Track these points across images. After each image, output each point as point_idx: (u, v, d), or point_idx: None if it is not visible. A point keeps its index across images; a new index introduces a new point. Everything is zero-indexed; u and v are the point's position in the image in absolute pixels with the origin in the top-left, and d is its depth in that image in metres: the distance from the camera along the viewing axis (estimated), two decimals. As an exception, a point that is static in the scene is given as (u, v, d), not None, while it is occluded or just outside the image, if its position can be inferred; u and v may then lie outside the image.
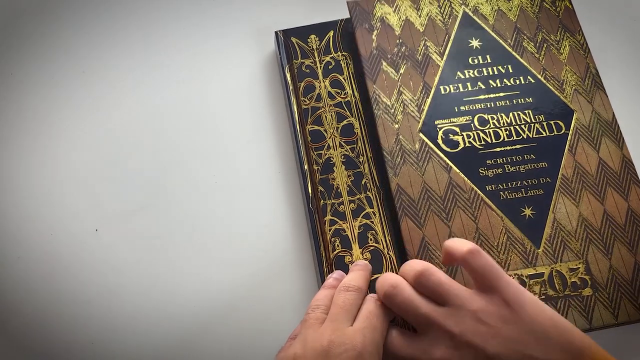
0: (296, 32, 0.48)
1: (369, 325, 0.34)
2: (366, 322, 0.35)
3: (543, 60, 0.46)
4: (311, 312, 0.36)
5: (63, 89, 0.50)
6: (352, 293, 0.36)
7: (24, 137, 0.48)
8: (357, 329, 0.34)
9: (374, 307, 0.36)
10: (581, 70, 0.45)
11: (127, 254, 0.45)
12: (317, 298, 0.37)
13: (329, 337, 0.33)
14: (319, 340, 0.33)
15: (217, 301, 0.44)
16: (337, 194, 0.43)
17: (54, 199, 0.46)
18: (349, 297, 0.36)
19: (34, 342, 0.43)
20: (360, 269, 0.40)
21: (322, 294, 0.38)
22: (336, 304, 0.36)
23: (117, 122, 0.49)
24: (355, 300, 0.36)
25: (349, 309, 0.35)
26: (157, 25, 0.52)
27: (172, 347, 0.43)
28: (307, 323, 0.35)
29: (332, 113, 0.46)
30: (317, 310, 0.36)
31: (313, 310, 0.36)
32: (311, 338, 0.34)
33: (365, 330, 0.34)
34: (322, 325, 0.35)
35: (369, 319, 0.35)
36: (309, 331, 0.34)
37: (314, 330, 0.34)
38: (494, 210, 0.41)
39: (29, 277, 0.44)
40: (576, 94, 0.45)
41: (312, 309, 0.36)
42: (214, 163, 0.47)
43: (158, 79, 0.50)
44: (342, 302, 0.36)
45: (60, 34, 0.51)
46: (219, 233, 0.45)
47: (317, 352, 0.33)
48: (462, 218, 0.41)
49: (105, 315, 0.43)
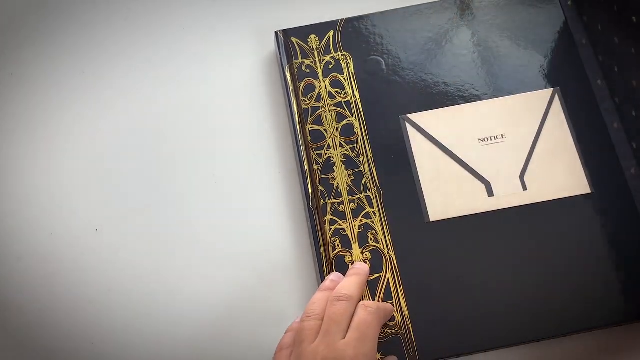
0: (296, 32, 0.48)
1: (360, 335, 0.35)
2: (357, 332, 0.36)
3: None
4: (306, 321, 0.37)
5: (63, 89, 0.50)
6: (343, 303, 0.37)
7: (24, 137, 0.48)
8: (348, 342, 0.35)
9: (364, 315, 0.37)
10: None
11: (127, 254, 0.45)
12: (312, 302, 0.38)
13: (322, 355, 0.34)
14: (312, 357, 0.35)
15: (217, 301, 0.44)
16: (337, 193, 0.43)
17: (54, 199, 0.46)
18: (339, 309, 0.37)
19: (34, 342, 0.43)
20: (355, 273, 0.40)
21: (317, 298, 0.38)
22: (328, 316, 0.37)
23: (117, 122, 0.49)
24: (346, 310, 0.37)
25: (339, 320, 0.36)
26: (157, 25, 0.52)
27: (172, 346, 0.43)
28: (303, 334, 0.36)
29: (332, 113, 0.46)
30: (311, 320, 0.37)
31: (308, 318, 0.37)
32: (304, 356, 0.35)
33: (357, 343, 0.35)
34: (316, 340, 0.36)
35: (359, 330, 0.36)
36: (304, 345, 0.36)
37: (308, 343, 0.35)
38: None
39: (29, 277, 0.44)
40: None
41: (307, 316, 0.37)
42: (214, 163, 0.47)
43: (158, 79, 0.50)
44: (334, 314, 0.36)
45: (60, 34, 0.51)
46: (219, 233, 0.45)
47: None
48: None
49: (105, 315, 0.43)
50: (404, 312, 0.41)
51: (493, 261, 0.41)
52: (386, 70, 0.47)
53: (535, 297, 0.40)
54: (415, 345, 0.40)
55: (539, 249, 0.42)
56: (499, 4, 0.48)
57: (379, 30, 0.48)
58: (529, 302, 0.40)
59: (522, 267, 0.41)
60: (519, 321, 0.40)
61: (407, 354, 0.40)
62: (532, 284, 0.41)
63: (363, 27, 0.48)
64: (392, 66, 0.47)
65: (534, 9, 0.48)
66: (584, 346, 0.41)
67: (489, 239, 0.42)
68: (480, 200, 0.43)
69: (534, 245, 0.42)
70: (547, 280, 0.41)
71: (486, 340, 0.40)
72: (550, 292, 0.40)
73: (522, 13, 0.48)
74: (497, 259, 0.41)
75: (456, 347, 0.40)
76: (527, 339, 0.40)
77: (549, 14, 0.48)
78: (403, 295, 0.41)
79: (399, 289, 0.41)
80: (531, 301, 0.40)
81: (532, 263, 0.41)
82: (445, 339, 0.40)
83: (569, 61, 0.46)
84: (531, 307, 0.40)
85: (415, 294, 0.41)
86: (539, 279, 0.41)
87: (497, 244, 0.42)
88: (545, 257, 0.41)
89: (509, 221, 0.42)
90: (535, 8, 0.48)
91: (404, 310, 0.41)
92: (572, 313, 0.40)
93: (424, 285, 0.41)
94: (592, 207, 0.42)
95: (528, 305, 0.40)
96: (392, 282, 0.41)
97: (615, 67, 0.44)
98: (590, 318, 0.40)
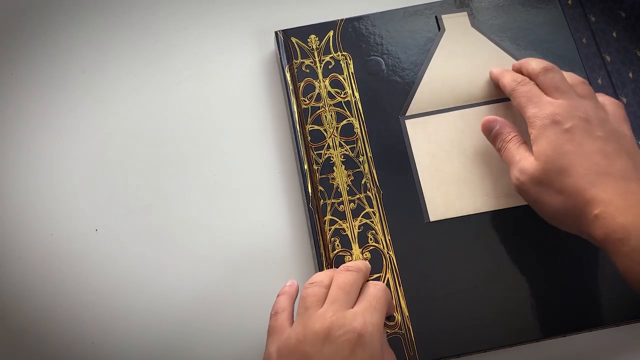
0: (296, 32, 0.48)
1: (369, 306, 0.34)
2: (366, 304, 0.35)
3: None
4: (310, 287, 0.36)
5: (63, 89, 0.50)
6: (352, 273, 0.36)
7: (24, 136, 0.48)
8: (358, 312, 0.34)
9: (374, 290, 0.36)
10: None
11: (127, 253, 0.45)
12: (315, 276, 0.37)
13: (329, 320, 0.33)
14: (319, 323, 0.33)
15: (217, 301, 0.44)
16: (337, 193, 0.43)
17: (54, 199, 0.46)
18: (349, 278, 0.36)
19: (34, 342, 0.43)
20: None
21: (321, 274, 0.37)
22: (336, 284, 0.36)
23: (117, 122, 0.49)
24: (355, 281, 0.36)
25: (349, 290, 0.35)
26: (157, 25, 0.52)
27: (172, 346, 0.43)
28: (308, 300, 0.35)
29: (332, 113, 0.46)
30: (316, 287, 0.36)
31: (312, 284, 0.36)
32: (312, 321, 0.34)
33: (366, 312, 0.34)
34: (322, 307, 0.35)
35: (369, 301, 0.35)
36: (310, 311, 0.34)
37: (314, 310, 0.34)
38: None
39: (29, 277, 0.44)
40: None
41: (311, 283, 0.36)
42: (214, 163, 0.47)
43: (158, 79, 0.50)
44: (342, 283, 0.36)
45: (60, 34, 0.51)
46: (219, 232, 0.45)
47: (317, 335, 0.33)
48: None
49: (105, 315, 0.43)
50: (404, 312, 0.41)
51: (493, 261, 0.41)
52: (386, 70, 0.47)
53: (535, 297, 0.40)
54: (415, 345, 0.40)
55: (538, 249, 0.42)
56: (499, 4, 0.48)
57: (379, 30, 0.48)
58: (529, 302, 0.40)
59: (522, 267, 0.41)
60: (519, 321, 0.40)
61: (407, 354, 0.40)
62: (532, 284, 0.41)
63: (363, 27, 0.48)
64: (392, 66, 0.47)
65: (534, 9, 0.48)
66: (584, 346, 0.41)
67: (489, 239, 0.42)
68: (480, 200, 0.43)
69: (533, 245, 0.42)
70: (547, 280, 0.41)
71: (486, 340, 0.40)
72: (550, 292, 0.41)
73: (522, 13, 0.48)
74: (497, 259, 0.41)
75: (456, 347, 0.40)
76: (527, 339, 0.40)
77: (549, 14, 0.48)
78: (403, 295, 0.41)
79: (399, 289, 0.41)
80: (531, 301, 0.40)
81: (532, 263, 0.41)
82: (445, 339, 0.40)
83: (569, 61, 0.46)
84: (531, 307, 0.40)
85: (415, 293, 0.41)
86: (539, 279, 0.41)
87: (497, 244, 0.42)
88: (545, 257, 0.41)
89: (509, 221, 0.42)
90: (535, 8, 0.48)
91: (404, 310, 0.41)
92: (572, 313, 0.40)
93: (423, 285, 0.41)
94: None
95: (528, 305, 0.40)
96: (392, 282, 0.41)
97: (616, 65, 0.44)
98: (591, 318, 0.40)
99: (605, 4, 0.49)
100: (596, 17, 0.49)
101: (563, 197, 0.35)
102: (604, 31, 0.48)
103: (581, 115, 0.37)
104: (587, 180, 0.35)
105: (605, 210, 0.33)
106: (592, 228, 0.34)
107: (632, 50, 0.48)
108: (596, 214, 0.34)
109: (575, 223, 0.35)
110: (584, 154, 0.35)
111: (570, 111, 0.37)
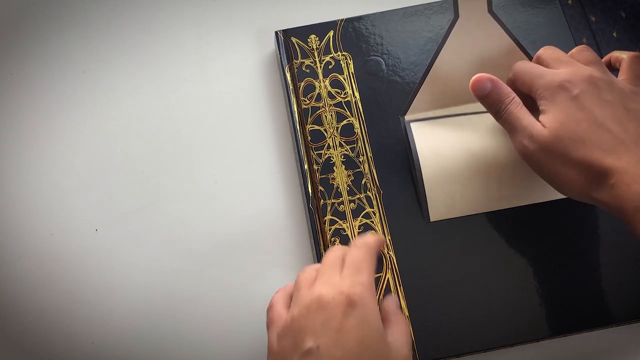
0: (296, 32, 0.48)
1: (354, 269, 0.35)
2: (350, 267, 0.35)
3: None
4: (301, 273, 0.36)
5: (63, 89, 0.50)
6: (336, 247, 0.37)
7: (24, 136, 0.48)
8: (344, 276, 0.35)
9: (355, 252, 0.36)
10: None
11: (127, 254, 0.45)
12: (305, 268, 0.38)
13: (318, 291, 0.34)
14: (309, 296, 0.34)
15: (217, 301, 0.44)
16: (337, 193, 0.43)
17: (54, 199, 0.46)
18: (334, 254, 0.36)
19: (34, 342, 0.43)
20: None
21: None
22: (323, 263, 0.36)
23: (117, 122, 0.49)
24: (340, 254, 0.36)
25: (334, 264, 0.36)
26: (157, 26, 0.52)
27: (173, 346, 0.43)
28: (300, 283, 0.36)
29: (332, 113, 0.46)
30: (306, 272, 0.36)
31: (304, 271, 0.37)
32: (303, 298, 0.35)
33: (352, 274, 0.34)
34: (313, 284, 0.35)
35: (352, 263, 0.35)
36: (302, 291, 0.35)
37: (306, 289, 0.35)
38: None
39: (29, 277, 0.44)
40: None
41: (303, 271, 0.37)
42: (214, 163, 0.47)
43: (158, 79, 0.50)
44: (328, 259, 0.36)
45: (60, 34, 0.51)
46: (219, 232, 0.45)
47: (309, 307, 0.33)
48: None
49: (105, 315, 0.43)
50: (404, 312, 0.41)
51: (493, 261, 0.41)
52: (386, 70, 0.47)
53: (536, 297, 0.40)
54: (415, 345, 0.40)
55: (539, 249, 0.42)
56: (499, 4, 0.48)
57: (379, 30, 0.48)
58: (529, 302, 0.40)
59: (522, 267, 0.41)
60: (519, 321, 0.40)
61: (407, 354, 0.40)
62: (532, 283, 0.41)
63: (363, 27, 0.48)
64: (392, 66, 0.47)
65: (534, 9, 0.48)
66: (585, 346, 0.41)
67: (489, 239, 0.42)
68: (482, 200, 0.43)
69: (534, 246, 0.42)
70: (547, 280, 0.41)
71: (486, 340, 0.40)
72: (550, 292, 0.41)
73: (522, 13, 0.48)
74: (497, 259, 0.41)
75: (456, 347, 0.40)
76: (527, 339, 0.40)
77: (549, 14, 0.48)
78: (403, 295, 0.41)
79: (399, 289, 0.41)
80: (531, 301, 0.40)
81: (533, 263, 0.41)
82: (445, 339, 0.40)
83: None
84: (531, 307, 0.40)
85: (415, 294, 0.41)
86: (539, 279, 0.41)
87: (497, 244, 0.42)
88: (546, 257, 0.41)
89: (509, 221, 0.42)
90: (535, 8, 0.48)
91: (404, 310, 0.41)
92: (572, 313, 0.40)
93: (424, 285, 0.41)
94: (592, 206, 0.42)
95: (528, 305, 0.40)
96: (392, 282, 0.41)
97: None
98: (591, 317, 0.40)
99: (606, 3, 0.49)
100: (596, 17, 0.49)
101: (577, 167, 0.35)
102: (604, 31, 0.48)
103: (588, 80, 0.36)
104: (602, 149, 0.34)
105: (621, 179, 0.33)
106: (608, 197, 0.34)
107: (633, 49, 0.48)
108: (612, 184, 0.34)
109: (589, 193, 0.35)
110: (597, 122, 0.35)
111: (576, 77, 0.36)
